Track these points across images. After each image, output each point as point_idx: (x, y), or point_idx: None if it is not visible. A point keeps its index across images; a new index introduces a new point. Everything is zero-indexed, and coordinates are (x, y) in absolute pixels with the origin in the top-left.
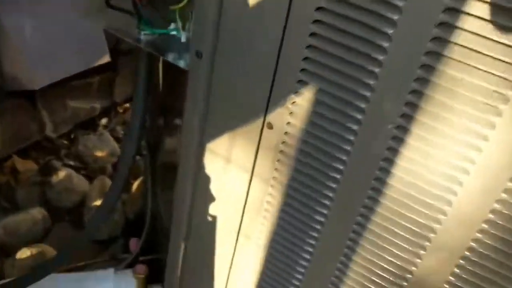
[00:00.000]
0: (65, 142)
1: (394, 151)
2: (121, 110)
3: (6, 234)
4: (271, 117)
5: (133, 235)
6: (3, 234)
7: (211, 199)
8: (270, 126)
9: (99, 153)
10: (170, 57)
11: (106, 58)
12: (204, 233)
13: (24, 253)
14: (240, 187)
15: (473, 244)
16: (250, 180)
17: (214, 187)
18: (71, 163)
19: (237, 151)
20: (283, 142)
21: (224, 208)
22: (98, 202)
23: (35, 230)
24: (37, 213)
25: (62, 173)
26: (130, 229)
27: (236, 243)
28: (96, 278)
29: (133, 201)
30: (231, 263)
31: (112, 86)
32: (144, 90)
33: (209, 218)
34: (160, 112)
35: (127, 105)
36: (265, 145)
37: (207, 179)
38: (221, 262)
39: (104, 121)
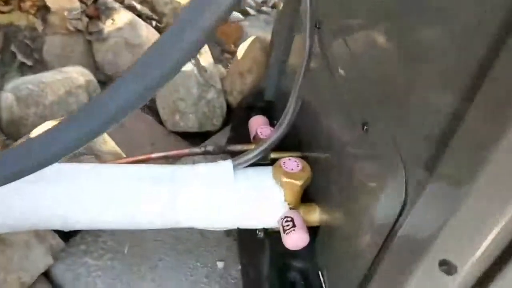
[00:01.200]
0: None
1: None
2: None
3: (20, 103)
4: None
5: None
6: (15, 101)
7: None
8: None
9: None
10: None
11: None
12: None
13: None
14: None
15: None
16: None
17: None
18: (137, 6)
19: None
20: None
21: None
22: None
23: (71, 102)
24: (77, 74)
25: (121, 18)
26: (237, 117)
27: None
28: (197, 177)
29: (242, 72)
30: None
31: None
32: None
33: None
34: None
35: None
36: None
37: None
38: None
39: None
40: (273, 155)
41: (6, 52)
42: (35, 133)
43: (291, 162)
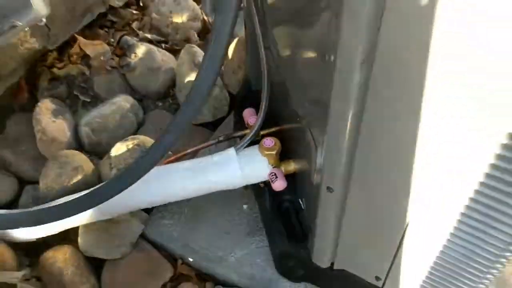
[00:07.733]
0: (135, 11)
1: None
2: None
3: (94, 132)
4: None
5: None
6: (90, 132)
7: None
8: None
9: (178, 19)
10: None
11: None
12: None
13: (119, 149)
14: None
15: None
16: None
17: None
18: (148, 36)
19: None
20: None
21: None
22: (191, 77)
23: (126, 122)
24: (124, 101)
25: (140, 50)
26: (236, 105)
27: None
28: (215, 163)
29: (234, 69)
30: None
31: None
32: None
33: None
34: None
35: None
36: None
37: None
38: None
39: None
40: (262, 132)
41: (71, 96)
42: (114, 153)
43: (268, 141)
